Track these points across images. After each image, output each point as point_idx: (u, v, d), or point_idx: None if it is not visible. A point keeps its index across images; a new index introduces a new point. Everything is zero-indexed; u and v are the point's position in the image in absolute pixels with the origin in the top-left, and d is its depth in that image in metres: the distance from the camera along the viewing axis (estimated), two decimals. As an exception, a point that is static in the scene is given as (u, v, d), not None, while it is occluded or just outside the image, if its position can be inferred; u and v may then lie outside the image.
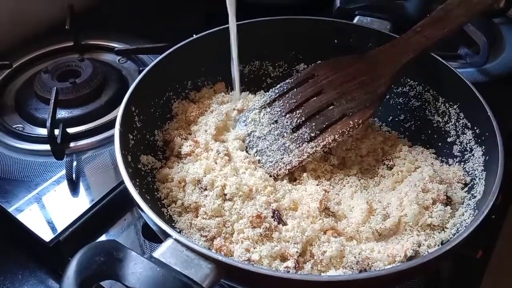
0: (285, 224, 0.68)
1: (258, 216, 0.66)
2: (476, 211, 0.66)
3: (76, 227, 0.78)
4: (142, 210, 0.59)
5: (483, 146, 0.72)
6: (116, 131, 0.69)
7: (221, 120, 0.83)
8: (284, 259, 0.64)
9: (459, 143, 0.78)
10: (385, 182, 0.77)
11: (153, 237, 0.77)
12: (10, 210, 0.79)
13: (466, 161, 0.75)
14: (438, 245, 0.66)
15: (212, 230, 0.67)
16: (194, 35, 0.87)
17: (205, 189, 0.71)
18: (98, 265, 0.49)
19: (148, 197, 0.68)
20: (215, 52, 0.89)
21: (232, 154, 0.78)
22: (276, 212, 0.68)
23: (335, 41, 0.90)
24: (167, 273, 0.50)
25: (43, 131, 0.91)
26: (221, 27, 0.88)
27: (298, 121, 0.79)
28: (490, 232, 0.83)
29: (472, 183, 0.72)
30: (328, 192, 0.73)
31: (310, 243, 0.66)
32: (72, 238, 0.77)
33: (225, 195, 0.70)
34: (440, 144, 0.82)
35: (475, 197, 0.69)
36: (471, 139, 0.76)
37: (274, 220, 0.67)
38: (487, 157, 0.71)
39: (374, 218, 0.71)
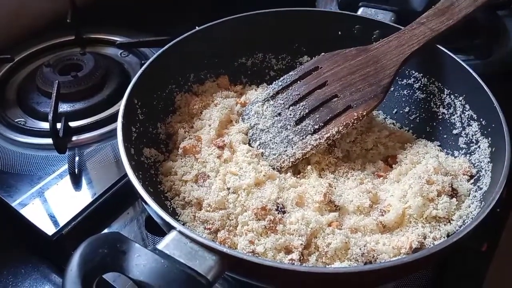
0: (289, 216, 0.67)
1: (263, 208, 0.66)
2: (483, 203, 0.65)
3: (79, 221, 0.78)
4: (146, 203, 0.58)
5: (489, 138, 0.72)
6: (119, 123, 0.69)
7: (225, 114, 0.82)
8: (288, 251, 0.64)
9: (464, 135, 0.77)
10: (389, 174, 0.77)
11: (156, 230, 0.77)
12: (13, 204, 0.79)
13: (472, 153, 0.75)
14: (444, 237, 0.66)
15: (216, 223, 0.67)
16: (196, 27, 0.86)
17: (208, 182, 0.71)
18: (102, 257, 0.49)
19: (152, 190, 0.68)
20: (217, 45, 0.88)
21: (235, 147, 0.77)
22: (280, 205, 0.68)
23: (339, 32, 0.90)
24: (171, 265, 0.49)
25: (45, 125, 0.91)
26: (223, 19, 0.87)
27: (301, 114, 0.78)
28: (495, 225, 0.83)
29: (478, 175, 0.71)
30: (332, 186, 0.73)
31: (315, 235, 0.65)
32: (75, 232, 0.77)
33: (228, 188, 0.70)
34: (445, 136, 0.81)
35: (481, 189, 0.68)
36: (477, 130, 0.75)
37: (278, 213, 0.67)
38: (493, 149, 0.70)
39: (378, 210, 0.70)
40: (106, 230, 0.80)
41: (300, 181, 0.75)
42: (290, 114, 0.79)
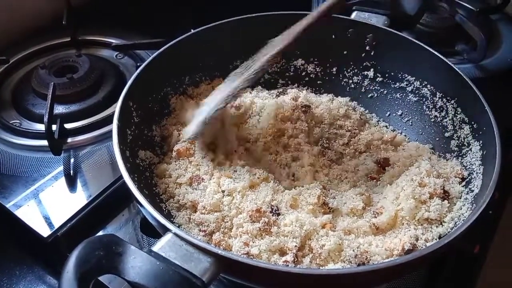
0: (283, 219, 0.68)
1: (257, 211, 0.66)
2: (474, 205, 0.66)
3: (74, 223, 0.78)
4: (141, 205, 0.59)
5: (481, 141, 0.73)
6: (114, 126, 0.69)
7: None
8: (283, 253, 0.64)
9: (456, 138, 0.78)
10: (382, 177, 0.78)
11: (151, 232, 0.78)
12: (7, 206, 0.79)
13: (464, 156, 0.76)
14: (436, 239, 0.66)
15: (210, 225, 0.67)
16: (191, 30, 0.86)
17: (202, 185, 0.72)
18: (98, 259, 0.49)
19: (147, 192, 0.68)
20: (212, 48, 0.88)
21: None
22: (275, 207, 0.68)
23: (333, 36, 0.90)
24: (167, 267, 0.50)
25: (40, 127, 0.91)
26: (219, 22, 0.88)
27: None
28: (487, 227, 0.84)
29: (469, 177, 0.72)
30: (325, 188, 0.73)
31: (309, 237, 0.66)
32: (70, 234, 0.77)
33: (223, 191, 0.70)
34: (437, 139, 0.82)
35: (472, 191, 0.69)
36: (468, 133, 0.76)
37: (272, 215, 0.67)
38: (484, 152, 0.71)
39: (371, 212, 0.71)
40: (101, 232, 0.80)
41: (294, 183, 0.75)
42: None
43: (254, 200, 0.69)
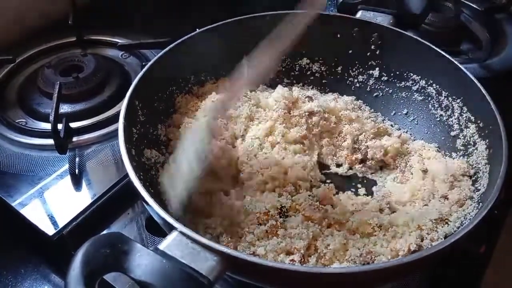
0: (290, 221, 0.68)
1: (265, 214, 0.66)
2: (480, 204, 0.66)
3: (79, 221, 0.78)
4: (147, 204, 0.59)
5: (487, 140, 0.72)
6: (120, 125, 0.69)
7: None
8: (289, 254, 0.64)
9: (462, 137, 0.78)
10: (388, 176, 0.78)
11: (156, 231, 0.78)
12: (13, 204, 0.79)
13: (470, 155, 0.75)
14: (442, 239, 0.66)
15: (218, 228, 0.67)
16: (197, 29, 0.86)
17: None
18: (104, 257, 0.49)
19: (152, 191, 0.68)
20: (218, 47, 0.88)
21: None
22: (284, 209, 0.68)
23: (338, 35, 0.90)
24: (173, 265, 0.50)
25: (46, 126, 0.91)
26: (224, 21, 0.88)
27: None
28: (493, 227, 0.83)
29: (476, 176, 0.72)
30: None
31: (315, 238, 0.66)
32: (75, 232, 0.77)
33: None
34: (443, 138, 0.82)
35: (479, 190, 0.69)
36: (474, 132, 0.76)
37: (280, 217, 0.67)
38: (490, 151, 0.71)
39: (377, 211, 0.71)
40: (106, 231, 0.80)
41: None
42: None
43: (263, 202, 0.68)
